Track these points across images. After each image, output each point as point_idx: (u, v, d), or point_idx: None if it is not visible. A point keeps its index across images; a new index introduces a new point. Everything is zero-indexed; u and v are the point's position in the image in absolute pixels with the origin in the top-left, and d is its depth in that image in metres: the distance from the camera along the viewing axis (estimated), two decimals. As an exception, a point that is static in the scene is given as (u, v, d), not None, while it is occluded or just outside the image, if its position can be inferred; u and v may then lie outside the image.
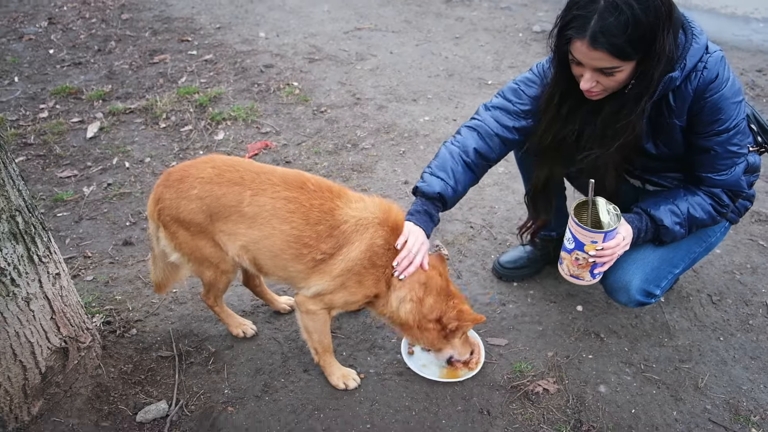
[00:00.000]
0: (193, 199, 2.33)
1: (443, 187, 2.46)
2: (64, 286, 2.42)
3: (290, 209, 2.27)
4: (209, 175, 2.35)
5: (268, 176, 2.33)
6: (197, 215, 2.34)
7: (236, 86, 5.49)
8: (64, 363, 2.44)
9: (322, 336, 2.50)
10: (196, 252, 2.43)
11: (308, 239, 2.27)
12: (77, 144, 4.64)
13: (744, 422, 2.48)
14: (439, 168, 2.50)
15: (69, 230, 3.72)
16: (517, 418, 2.50)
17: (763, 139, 2.52)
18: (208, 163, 2.40)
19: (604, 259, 2.27)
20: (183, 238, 2.41)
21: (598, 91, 2.16)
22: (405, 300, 2.35)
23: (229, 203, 2.31)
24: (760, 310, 3.03)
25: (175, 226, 2.40)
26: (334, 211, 2.29)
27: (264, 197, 2.28)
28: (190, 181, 2.36)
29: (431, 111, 5.03)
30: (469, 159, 2.53)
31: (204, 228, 2.36)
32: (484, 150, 2.54)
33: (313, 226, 2.26)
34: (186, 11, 7.35)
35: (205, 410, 2.53)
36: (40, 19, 7.16)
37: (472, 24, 6.91)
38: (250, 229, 2.31)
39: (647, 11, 1.92)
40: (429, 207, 2.45)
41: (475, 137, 2.55)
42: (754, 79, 5.46)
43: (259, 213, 2.28)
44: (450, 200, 2.50)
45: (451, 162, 2.51)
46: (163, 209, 2.39)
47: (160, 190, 2.41)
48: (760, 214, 3.69)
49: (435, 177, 2.48)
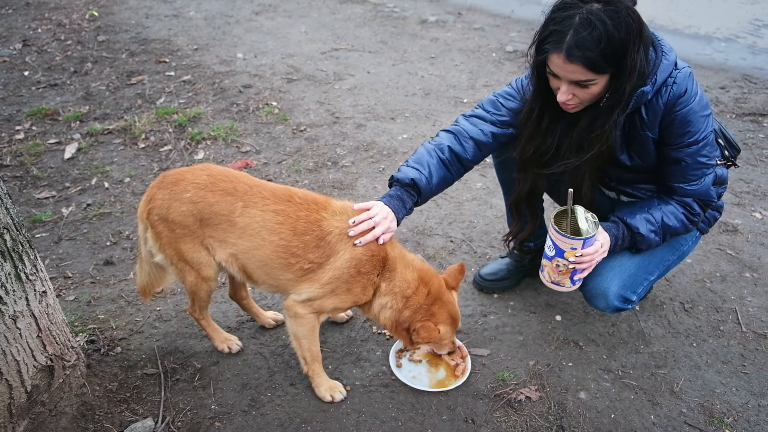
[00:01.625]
0: (186, 202, 2.40)
1: (417, 175, 2.56)
2: (50, 304, 2.42)
3: (278, 221, 2.35)
4: (204, 182, 2.42)
5: (260, 189, 2.41)
6: (187, 218, 2.40)
7: (215, 106, 5.52)
8: (49, 381, 2.43)
9: (310, 343, 2.54)
10: (179, 254, 2.48)
11: (296, 249, 2.35)
12: (55, 165, 4.62)
13: (718, 424, 2.56)
14: (414, 161, 2.62)
15: (48, 251, 3.69)
16: (501, 426, 2.55)
17: (730, 153, 2.66)
18: (204, 171, 2.48)
19: (583, 265, 2.35)
20: (168, 239, 2.46)
21: (574, 103, 2.27)
22: (385, 307, 2.48)
23: (220, 211, 2.38)
24: (730, 317, 3.14)
25: (162, 226, 2.45)
26: (320, 222, 2.38)
27: (254, 209, 2.36)
28: (184, 184, 2.43)
29: (409, 129, 5.12)
30: (443, 156, 2.63)
31: (191, 231, 2.42)
32: (458, 150, 2.64)
33: (300, 237, 2.35)
34: (163, 33, 7.39)
35: (192, 426, 2.54)
36: (14, 41, 7.13)
37: (446, 44, 7.07)
38: (241, 239, 2.39)
39: (619, 27, 2.04)
40: (402, 193, 2.55)
41: (451, 138, 2.67)
42: (718, 95, 5.68)
43: (250, 224, 2.36)
44: (424, 190, 2.58)
45: (426, 156, 2.62)
46: (153, 209, 2.45)
47: (154, 191, 2.48)
48: (728, 225, 3.83)
49: (410, 168, 2.59)
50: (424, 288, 2.48)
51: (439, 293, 2.51)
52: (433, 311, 2.48)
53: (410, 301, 2.46)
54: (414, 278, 2.47)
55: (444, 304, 2.51)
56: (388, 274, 2.44)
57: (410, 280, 2.46)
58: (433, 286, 2.50)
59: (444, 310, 2.51)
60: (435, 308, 2.49)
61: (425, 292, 2.48)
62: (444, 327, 2.52)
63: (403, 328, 2.50)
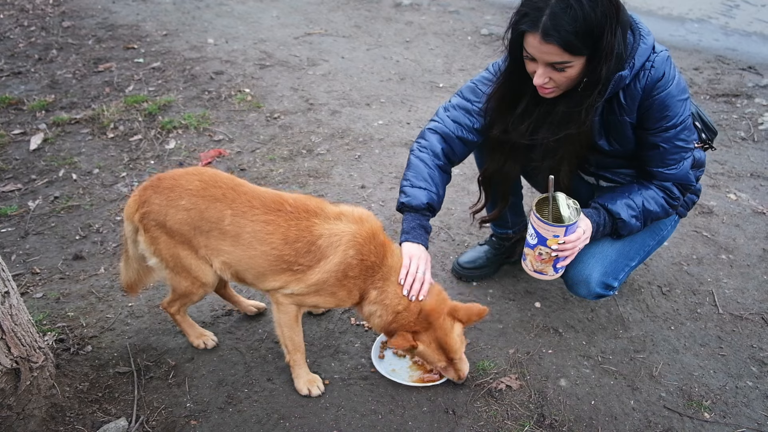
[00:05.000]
0: (181, 209, 2.36)
1: (429, 196, 2.50)
2: (14, 304, 2.32)
3: (269, 231, 2.33)
4: (196, 188, 2.38)
5: (248, 198, 2.37)
6: (183, 226, 2.37)
7: (186, 94, 5.39)
8: (15, 384, 2.34)
9: (292, 332, 2.52)
10: (177, 260, 2.44)
11: (288, 256, 2.33)
12: (20, 157, 4.47)
13: (697, 407, 2.57)
14: (417, 178, 2.54)
15: (15, 246, 3.57)
16: (482, 416, 2.53)
17: (707, 136, 2.65)
18: (197, 176, 2.43)
19: (566, 252, 2.33)
20: (165, 245, 2.42)
21: (551, 87, 2.23)
22: (375, 315, 2.44)
23: (210, 218, 2.35)
24: (707, 299, 3.16)
25: (158, 231, 2.40)
26: (311, 228, 2.34)
27: (244, 219, 2.34)
28: (179, 191, 2.38)
29: (385, 115, 5.05)
30: (441, 162, 2.58)
31: (188, 239, 2.39)
32: (448, 152, 2.61)
33: (292, 244, 2.32)
34: (130, 18, 7.18)
35: (167, 425, 2.47)
36: (-25, 28, 6.88)
37: (421, 28, 6.99)
38: (233, 248, 2.37)
39: (595, 9, 2.01)
40: (420, 220, 2.50)
41: (440, 140, 2.61)
42: (692, 77, 5.70)
43: (240, 234, 2.34)
44: (438, 207, 2.55)
45: (426, 169, 2.55)
46: (149, 213, 2.39)
47: (149, 194, 2.41)
48: (703, 207, 3.85)
49: (416, 188, 2.52)
50: (416, 307, 2.39)
51: (433, 317, 2.40)
52: (417, 330, 2.41)
53: (399, 317, 2.40)
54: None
55: (434, 330, 2.40)
56: (380, 283, 2.38)
57: (402, 295, 2.38)
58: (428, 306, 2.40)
59: (431, 335, 2.41)
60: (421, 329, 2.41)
61: (417, 310, 2.39)
62: (424, 347, 2.42)
63: (390, 333, 2.46)
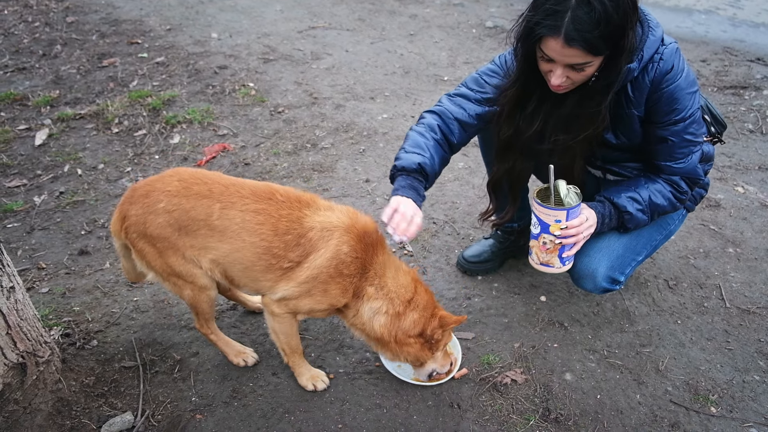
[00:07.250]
0: (161, 213, 2.27)
1: (422, 159, 2.41)
2: (20, 299, 2.33)
3: (259, 221, 2.23)
4: (176, 189, 2.29)
5: (237, 189, 2.29)
6: (165, 229, 2.28)
7: (190, 88, 5.38)
8: (22, 379, 2.35)
9: (289, 338, 2.47)
10: (169, 269, 2.35)
11: (277, 249, 2.24)
12: (25, 152, 4.48)
13: (703, 401, 2.56)
14: (412, 146, 2.47)
15: (21, 241, 3.58)
16: (487, 410, 2.52)
17: (716, 129, 2.61)
18: (174, 177, 2.34)
19: (570, 239, 2.30)
20: (152, 256, 2.34)
21: (567, 85, 2.19)
22: (379, 312, 2.33)
23: (198, 216, 2.26)
24: (714, 293, 3.14)
25: (143, 242, 2.33)
26: (301, 220, 2.26)
27: (233, 210, 2.25)
28: (156, 195, 2.29)
29: (389, 109, 5.03)
30: (437, 136, 2.52)
31: (172, 243, 2.29)
32: (445, 131, 2.55)
33: (282, 236, 2.23)
34: (134, 13, 7.18)
35: (173, 419, 2.48)
36: (-21, 24, 6.89)
37: (425, 21, 6.95)
38: (221, 243, 2.27)
39: (617, 8, 1.93)
40: (412, 181, 2.39)
41: (437, 118, 2.56)
42: (699, 69, 5.66)
43: (229, 226, 2.25)
44: (430, 173, 2.44)
45: (422, 139, 2.49)
46: (130, 226, 2.32)
47: (126, 207, 2.34)
48: (710, 200, 3.82)
49: (411, 153, 2.44)
50: (421, 286, 2.36)
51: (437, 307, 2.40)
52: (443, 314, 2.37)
53: (414, 300, 2.32)
54: (409, 281, 2.36)
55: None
56: (375, 279, 2.32)
57: (406, 284, 2.34)
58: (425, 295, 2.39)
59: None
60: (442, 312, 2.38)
61: (423, 288, 2.36)
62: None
63: (410, 335, 2.35)
